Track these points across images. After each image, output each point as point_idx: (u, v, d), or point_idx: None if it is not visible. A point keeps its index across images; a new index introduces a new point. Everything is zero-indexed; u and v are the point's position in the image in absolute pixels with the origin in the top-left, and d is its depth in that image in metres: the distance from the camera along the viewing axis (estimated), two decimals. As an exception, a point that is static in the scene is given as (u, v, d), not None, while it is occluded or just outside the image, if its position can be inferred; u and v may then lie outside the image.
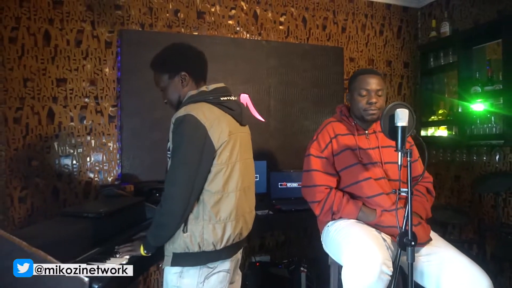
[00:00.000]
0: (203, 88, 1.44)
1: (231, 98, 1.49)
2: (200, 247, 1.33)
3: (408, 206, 1.34)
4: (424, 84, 3.27)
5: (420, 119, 3.17)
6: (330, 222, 1.67)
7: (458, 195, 3.05)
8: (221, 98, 1.44)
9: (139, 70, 2.57)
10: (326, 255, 1.76)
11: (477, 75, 2.75)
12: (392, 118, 1.38)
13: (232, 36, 2.89)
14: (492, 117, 2.64)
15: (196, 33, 2.80)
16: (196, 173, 1.31)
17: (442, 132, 3.11)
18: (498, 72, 2.61)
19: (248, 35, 2.93)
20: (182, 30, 2.77)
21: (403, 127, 1.35)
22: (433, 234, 1.60)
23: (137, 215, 1.95)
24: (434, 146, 3.19)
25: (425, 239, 1.51)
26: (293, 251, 3.03)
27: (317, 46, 3.11)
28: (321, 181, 1.65)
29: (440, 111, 3.09)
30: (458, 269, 1.40)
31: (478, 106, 2.74)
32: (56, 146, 2.47)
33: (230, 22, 2.89)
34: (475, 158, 2.84)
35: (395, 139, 1.36)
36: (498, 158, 2.66)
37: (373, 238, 1.41)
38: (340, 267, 1.71)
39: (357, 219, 1.59)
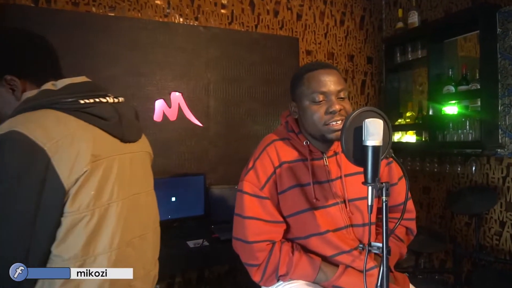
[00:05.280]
0: (48, 86, 0.90)
1: (102, 100, 0.93)
2: None
3: (383, 268, 0.87)
4: (389, 82, 2.88)
5: (385, 123, 2.76)
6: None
7: (428, 210, 2.68)
8: (81, 101, 0.88)
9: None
10: None
11: (450, 73, 2.37)
12: (358, 132, 0.90)
13: (160, 20, 2.31)
14: (467, 122, 2.27)
15: (113, 14, 2.19)
16: (30, 231, 0.78)
17: (410, 137, 2.72)
18: (474, 70, 2.23)
19: (181, 19, 2.36)
20: (93, 9, 2.15)
21: (375, 148, 0.87)
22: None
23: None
24: (401, 154, 2.80)
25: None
26: (243, 280, 2.51)
27: (268, 35, 2.60)
28: (260, 235, 1.10)
29: (408, 114, 2.70)
30: None
31: (452, 109, 2.37)
32: None
33: (158, 2, 2.30)
34: (447, 168, 2.46)
35: (364, 165, 0.88)
36: (474, 170, 2.29)
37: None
38: None
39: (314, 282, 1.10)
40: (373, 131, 0.87)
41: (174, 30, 2.30)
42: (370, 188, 0.87)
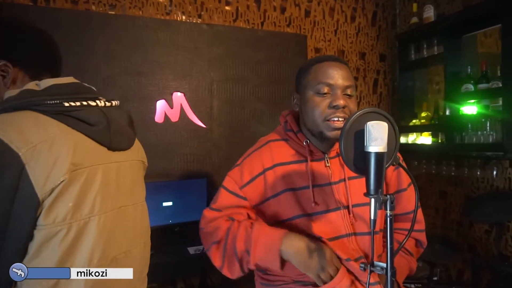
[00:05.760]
0: (31, 86, 0.82)
1: (90, 103, 0.85)
2: None
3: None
4: (403, 81, 2.73)
5: (398, 123, 2.62)
6: None
7: (444, 216, 2.52)
8: (66, 104, 0.80)
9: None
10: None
11: (469, 70, 2.22)
12: (360, 137, 0.79)
13: (162, 18, 2.24)
14: (488, 122, 2.11)
15: (113, 13, 2.13)
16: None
17: (425, 139, 2.57)
18: (495, 66, 2.08)
19: (184, 17, 2.29)
20: (93, 7, 2.09)
21: (378, 155, 0.76)
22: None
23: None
24: (416, 156, 2.66)
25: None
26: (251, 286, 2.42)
27: (274, 32, 2.50)
28: (219, 213, 1.06)
29: (423, 114, 2.56)
30: None
31: (470, 109, 2.22)
32: None
33: (160, -1, 2.24)
34: (466, 172, 2.31)
35: (365, 174, 0.77)
36: (495, 174, 2.14)
37: None
38: None
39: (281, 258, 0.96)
40: (376, 136, 0.76)
41: (176, 28, 2.23)
42: (372, 200, 0.76)
